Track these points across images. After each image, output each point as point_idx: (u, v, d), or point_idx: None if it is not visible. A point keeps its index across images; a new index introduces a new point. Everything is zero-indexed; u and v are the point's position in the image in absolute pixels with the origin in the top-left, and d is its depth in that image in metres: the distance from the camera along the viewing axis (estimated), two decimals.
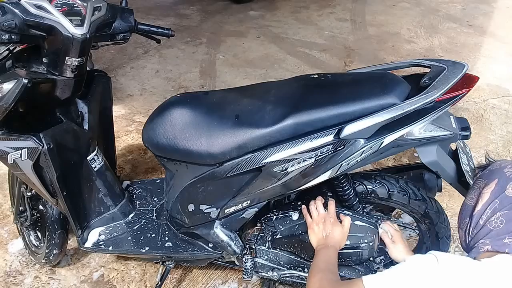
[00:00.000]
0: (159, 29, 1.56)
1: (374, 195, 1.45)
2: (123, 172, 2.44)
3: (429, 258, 0.87)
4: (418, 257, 0.90)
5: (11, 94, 1.26)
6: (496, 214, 0.90)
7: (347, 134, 1.16)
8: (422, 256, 0.90)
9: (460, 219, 1.04)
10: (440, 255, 0.87)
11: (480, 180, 1.01)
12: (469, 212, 0.99)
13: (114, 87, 2.58)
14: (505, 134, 2.85)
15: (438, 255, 0.87)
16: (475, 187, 1.02)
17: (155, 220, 1.69)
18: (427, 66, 1.33)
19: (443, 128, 1.23)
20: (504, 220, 0.89)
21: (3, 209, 2.19)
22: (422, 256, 0.90)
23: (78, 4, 1.32)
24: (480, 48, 4.11)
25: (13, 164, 1.43)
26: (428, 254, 0.89)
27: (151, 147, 1.39)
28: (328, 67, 3.72)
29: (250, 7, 5.02)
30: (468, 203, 1.02)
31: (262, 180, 1.29)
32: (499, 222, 0.89)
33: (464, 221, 1.00)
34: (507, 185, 0.92)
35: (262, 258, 1.54)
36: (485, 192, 0.96)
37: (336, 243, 1.25)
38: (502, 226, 0.89)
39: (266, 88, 1.38)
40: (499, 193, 0.92)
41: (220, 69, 3.66)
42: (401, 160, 2.55)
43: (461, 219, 1.03)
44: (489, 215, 0.92)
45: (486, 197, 0.95)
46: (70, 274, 1.89)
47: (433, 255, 0.87)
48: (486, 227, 0.92)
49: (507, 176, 0.94)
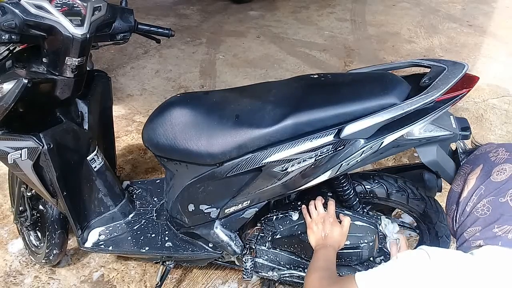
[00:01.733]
0: (159, 29, 1.56)
1: (373, 195, 1.45)
2: (123, 172, 2.44)
3: (420, 254, 0.86)
4: (409, 253, 0.89)
5: (11, 94, 1.26)
6: (482, 201, 0.90)
7: (347, 134, 1.16)
8: (413, 252, 0.89)
9: (447, 205, 1.03)
10: (431, 250, 0.86)
11: (465, 165, 1.01)
12: (455, 198, 0.98)
13: (114, 87, 2.59)
14: (505, 134, 2.85)
15: (429, 250, 0.86)
16: (461, 173, 1.01)
17: (155, 220, 1.69)
18: (427, 66, 1.33)
19: (443, 128, 1.23)
20: (491, 207, 0.88)
21: (3, 209, 2.19)
22: (413, 252, 0.89)
23: (78, 4, 1.32)
24: (480, 48, 4.11)
25: (13, 164, 1.43)
26: (418, 249, 0.88)
27: (151, 147, 1.39)
28: (328, 67, 3.72)
29: (250, 7, 5.02)
30: (454, 189, 1.01)
31: (262, 180, 1.29)
32: (486, 209, 0.88)
33: (452, 208, 0.99)
34: (492, 170, 0.91)
35: (262, 258, 1.54)
36: (470, 178, 0.95)
37: (335, 243, 1.25)
38: (489, 213, 0.88)
39: (266, 88, 1.38)
40: (484, 179, 0.91)
41: (220, 69, 3.66)
42: (401, 160, 2.55)
43: (449, 206, 1.02)
44: (475, 201, 0.91)
45: (471, 184, 0.94)
46: (70, 274, 1.89)
47: (424, 251, 0.86)
48: (473, 214, 0.91)
49: (492, 161, 0.93)
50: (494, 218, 0.86)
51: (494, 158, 0.93)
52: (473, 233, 0.90)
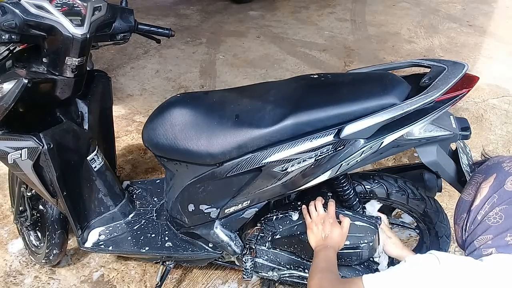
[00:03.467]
0: (159, 29, 1.56)
1: (373, 195, 1.45)
2: (123, 172, 2.44)
3: (431, 258, 0.86)
4: (419, 257, 0.89)
5: (11, 94, 1.26)
6: (495, 209, 0.89)
7: (347, 134, 1.16)
8: (422, 256, 0.89)
9: (456, 214, 1.02)
10: (442, 255, 0.86)
11: (477, 175, 1.00)
12: (466, 207, 0.98)
13: (114, 87, 2.58)
14: (505, 134, 2.85)
15: (439, 255, 0.86)
16: (472, 182, 1.00)
17: (155, 220, 1.69)
18: (427, 66, 1.33)
19: (443, 128, 1.23)
20: (504, 216, 0.87)
21: (3, 209, 2.19)
22: (423, 256, 0.89)
23: (78, 4, 1.32)
24: (480, 48, 4.11)
25: (13, 164, 1.43)
26: (428, 254, 0.88)
27: (151, 147, 1.39)
28: (328, 67, 3.72)
29: (250, 7, 5.02)
30: (465, 198, 1.00)
31: (262, 180, 1.29)
32: (498, 217, 0.88)
33: (461, 217, 0.99)
34: (506, 179, 0.91)
35: (262, 258, 1.53)
36: (483, 186, 0.95)
37: (335, 244, 1.25)
38: (502, 221, 0.87)
39: (266, 88, 1.38)
40: (498, 187, 0.91)
41: (220, 69, 3.66)
42: (401, 160, 2.55)
43: (458, 215, 1.01)
44: (487, 210, 0.91)
45: (484, 192, 0.93)
46: (70, 274, 1.89)
47: (434, 255, 0.86)
48: (484, 223, 0.90)
49: (506, 170, 0.93)
50: (507, 227, 0.86)
51: (508, 168, 0.93)
52: (484, 241, 0.89)
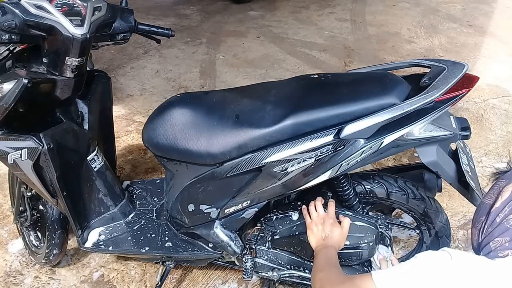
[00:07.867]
0: (159, 29, 1.56)
1: (372, 195, 1.45)
2: (123, 172, 2.44)
3: (442, 255, 0.86)
4: (430, 253, 0.88)
5: (11, 94, 1.26)
6: None
7: (347, 134, 1.16)
8: (434, 252, 0.88)
9: (475, 217, 1.01)
10: (454, 252, 0.85)
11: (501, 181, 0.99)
12: (486, 210, 0.96)
13: (114, 87, 2.59)
14: (505, 134, 2.85)
15: (451, 252, 0.85)
16: (495, 187, 1.00)
17: (155, 220, 1.69)
18: (427, 66, 1.33)
19: (443, 128, 1.23)
20: None
21: (3, 209, 2.19)
22: (435, 252, 0.88)
23: (78, 4, 1.32)
24: (480, 48, 4.11)
25: (13, 164, 1.43)
26: (440, 251, 0.87)
27: (151, 147, 1.39)
28: (328, 67, 3.72)
29: (250, 7, 5.02)
30: (486, 202, 0.99)
31: (262, 180, 1.29)
32: None
33: (480, 219, 0.98)
34: None
35: (262, 258, 1.54)
36: (505, 190, 0.93)
37: (335, 244, 1.25)
38: None
39: (266, 88, 1.38)
40: None
41: (220, 69, 3.66)
42: (401, 160, 2.55)
43: (477, 217, 1.00)
44: (507, 213, 0.89)
45: (506, 195, 0.92)
46: (70, 274, 1.89)
47: (446, 252, 0.86)
48: (502, 225, 0.89)
49: None
50: None
51: None
52: (501, 243, 0.88)
